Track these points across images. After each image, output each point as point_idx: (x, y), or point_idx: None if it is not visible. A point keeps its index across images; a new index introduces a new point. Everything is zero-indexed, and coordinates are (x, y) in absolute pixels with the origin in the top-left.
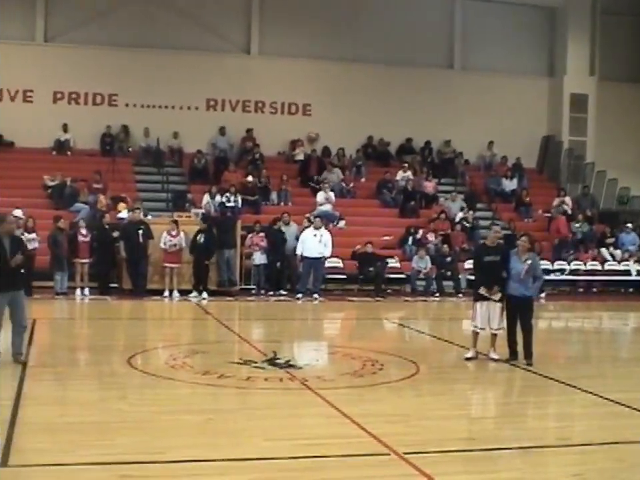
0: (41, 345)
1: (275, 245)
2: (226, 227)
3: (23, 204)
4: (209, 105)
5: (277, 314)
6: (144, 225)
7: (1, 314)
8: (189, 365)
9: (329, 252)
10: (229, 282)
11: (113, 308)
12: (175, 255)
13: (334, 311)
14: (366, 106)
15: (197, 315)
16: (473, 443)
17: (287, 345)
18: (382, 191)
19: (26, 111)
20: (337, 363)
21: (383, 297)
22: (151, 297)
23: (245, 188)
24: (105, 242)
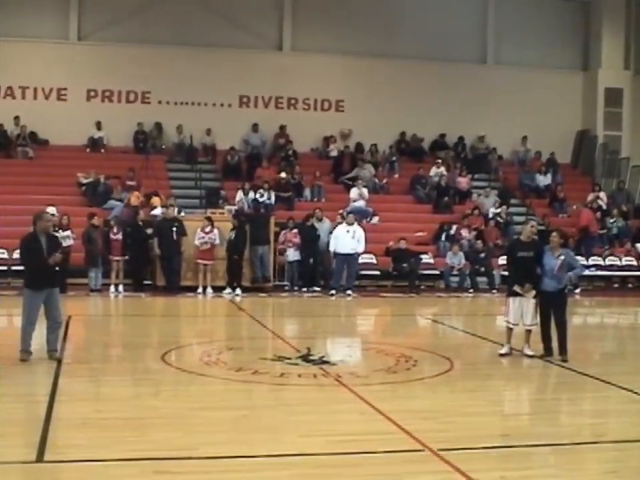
0: (76, 342)
1: (308, 242)
2: (259, 223)
3: (57, 201)
4: (242, 102)
5: (311, 310)
6: (178, 222)
7: (37, 311)
8: (222, 361)
9: (362, 248)
10: (263, 278)
11: (147, 305)
12: (208, 251)
13: (367, 307)
14: (399, 102)
15: (231, 312)
16: (508, 440)
17: (321, 341)
18: (415, 186)
19: (60, 109)
20: (370, 359)
21: (416, 293)
22: (184, 293)
23: (278, 184)
24: (139, 239)
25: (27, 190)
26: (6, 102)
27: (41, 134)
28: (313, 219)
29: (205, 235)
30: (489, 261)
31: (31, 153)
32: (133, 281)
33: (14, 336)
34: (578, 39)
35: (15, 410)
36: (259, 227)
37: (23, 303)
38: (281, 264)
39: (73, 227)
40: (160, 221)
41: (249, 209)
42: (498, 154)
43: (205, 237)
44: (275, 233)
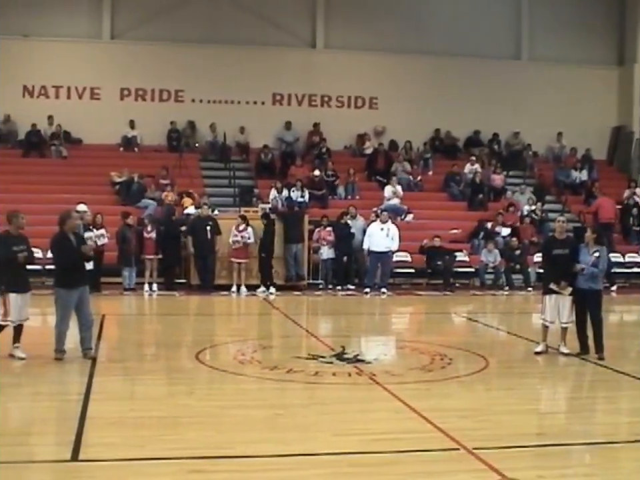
0: (110, 341)
1: (342, 239)
2: (293, 221)
3: (91, 200)
4: (275, 100)
5: (345, 308)
6: (212, 220)
7: (71, 310)
8: (256, 359)
9: (396, 246)
10: (297, 276)
11: (181, 303)
12: (242, 250)
13: (402, 305)
14: (433, 98)
15: (265, 310)
16: (543, 438)
17: (355, 339)
18: (450, 184)
19: (93, 108)
20: (405, 357)
21: (451, 291)
22: (218, 292)
23: (312, 182)
24: (173, 237)
25: (61, 189)
26: (40, 101)
27: (74, 133)
28: (347, 217)
29: (238, 234)
30: (524, 258)
31: (65, 152)
32: (165, 279)
33: (48, 335)
34: (613, 34)
35: (49, 409)
36: (293, 225)
37: (56, 303)
38: (314, 262)
39: (106, 226)
40: (194, 219)
41: (283, 207)
42: (533, 150)
43: (238, 235)
44: (309, 231)
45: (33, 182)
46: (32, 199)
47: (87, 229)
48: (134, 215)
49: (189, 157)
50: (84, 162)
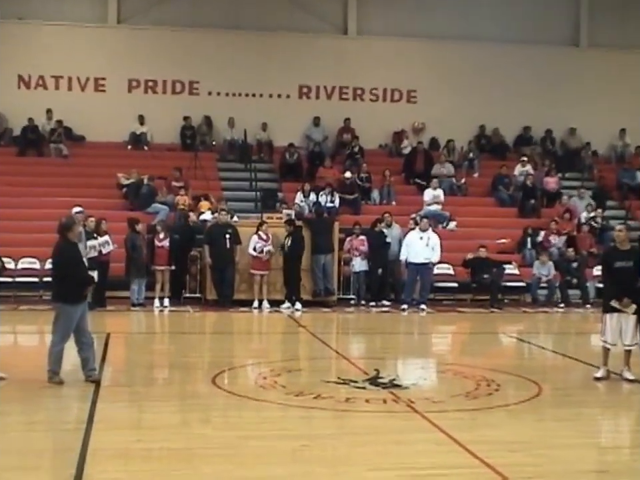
0: (116, 362)
1: (377, 250)
2: (322, 229)
3: (95, 205)
4: (302, 93)
5: (380, 327)
6: (231, 228)
7: (73, 328)
8: (280, 384)
9: (438, 257)
10: (325, 291)
11: (196, 321)
12: (264, 261)
13: (444, 323)
14: (478, 91)
15: (290, 328)
16: (605, 476)
17: (391, 361)
18: (498, 187)
19: (98, 101)
20: (447, 382)
21: (499, 308)
22: (237, 308)
23: (343, 185)
24: (190, 247)
25: (61, 192)
26: (37, 93)
27: (76, 129)
28: (382, 224)
29: (261, 243)
30: (582, 272)
31: (66, 151)
32: (172, 292)
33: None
34: None
35: (47, 439)
36: (322, 233)
37: (58, 320)
38: (345, 275)
39: (112, 234)
40: (211, 226)
41: (310, 213)
42: (592, 149)
43: (261, 244)
44: (340, 240)
45: (29, 184)
46: (28, 203)
47: (90, 237)
48: (143, 221)
49: (205, 157)
50: (87, 162)
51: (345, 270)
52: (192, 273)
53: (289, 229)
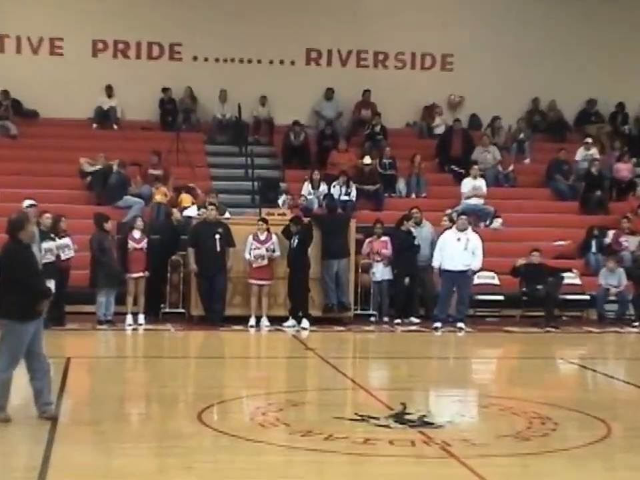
0: (77, 394)
1: (403, 254)
2: (335, 228)
3: (52, 197)
4: (310, 59)
5: (407, 350)
6: (222, 226)
7: (23, 350)
8: (283, 421)
9: (479, 263)
10: (339, 305)
11: (178, 342)
12: (264, 268)
13: (487, 345)
14: (530, 54)
15: (295, 352)
16: None
17: (421, 393)
18: (554, 176)
19: (54, 68)
20: (491, 419)
21: (556, 327)
22: (230, 326)
23: (361, 174)
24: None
25: (9, 181)
26: None
27: (27, 103)
28: (410, 223)
29: (259, 245)
30: None
31: (14, 130)
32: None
33: None
34: None
35: None
36: (335, 234)
37: (4, 340)
38: (364, 285)
39: (73, 234)
40: (197, 225)
41: (320, 208)
42: None
43: (259, 247)
44: (357, 242)
45: None
46: None
47: (45, 237)
48: (113, 218)
49: (189, 138)
50: (41, 143)
51: (363, 279)
52: (173, 282)
53: (294, 228)
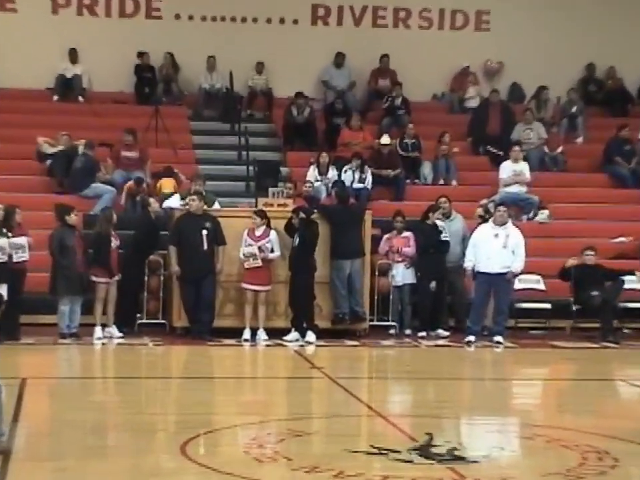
0: (35, 423)
1: (429, 253)
2: (346, 222)
3: (4, 184)
4: (317, 17)
5: (434, 369)
6: (210, 220)
7: None
8: (284, 455)
9: (521, 264)
10: (352, 315)
11: (157, 359)
12: (260, 270)
13: (530, 364)
14: (583, 12)
15: (298, 371)
16: None
17: (451, 422)
18: (613, 158)
19: (5, 27)
20: (536, 454)
21: (615, 342)
22: (220, 340)
23: (379, 156)
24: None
25: None
26: None
27: None
28: (437, 215)
29: (255, 242)
30: None
31: None
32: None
33: None
34: None
35: None
36: (346, 229)
37: None
38: (382, 290)
39: (29, 229)
40: (180, 218)
41: (329, 197)
42: None
43: (254, 244)
44: (373, 239)
45: None
46: None
47: None
48: (78, 209)
49: (170, 113)
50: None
51: (381, 283)
52: (151, 287)
53: (297, 222)
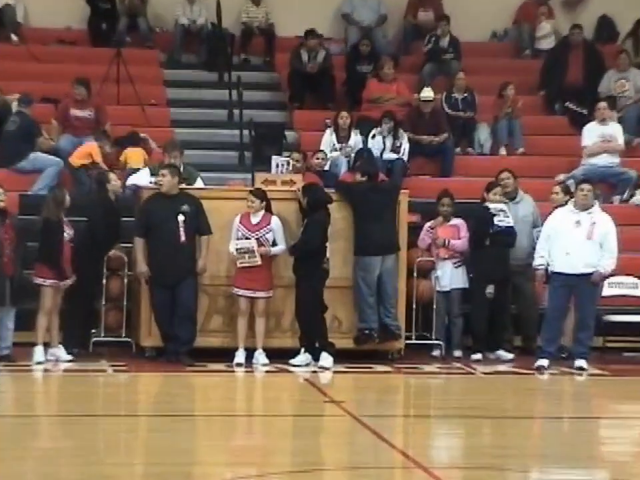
0: None
1: (486, 246)
2: (374, 206)
3: None
4: None
5: (493, 404)
6: (190, 202)
7: None
8: None
9: (612, 262)
10: (382, 330)
11: (120, 389)
12: (259, 270)
13: (622, 397)
14: None
15: (310, 406)
16: None
17: (517, 476)
18: None
19: None
20: None
21: None
22: (205, 364)
23: (418, 117)
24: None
25: None
26: None
27: None
28: (497, 196)
29: (250, 233)
30: None
31: None
32: (65, 333)
33: None
34: None
35: None
36: (374, 215)
37: None
38: (423, 297)
39: None
40: (150, 200)
41: (351, 172)
42: None
43: (247, 234)
44: (410, 228)
45: None
46: None
47: None
48: (9, 187)
49: (137, 58)
50: None
51: (421, 288)
52: (111, 293)
53: (304, 204)
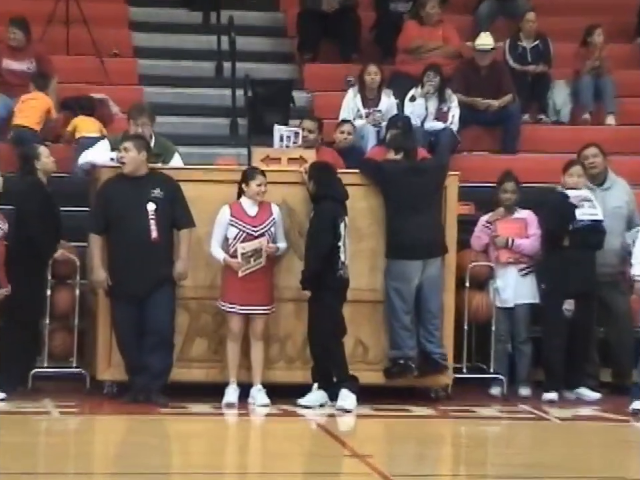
0: None
1: (564, 247)
2: (412, 191)
3: None
4: None
5: (574, 460)
6: (162, 185)
7: None
8: None
9: None
10: (423, 359)
11: (70, 438)
12: (255, 277)
13: None
14: None
15: (324, 461)
16: None
17: None
18: None
19: None
20: None
21: None
22: (184, 405)
23: (473, 72)
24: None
25: None
26: None
27: None
28: (580, 180)
29: (250, 227)
30: None
31: None
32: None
33: None
34: None
35: None
36: (412, 205)
37: None
38: (479, 316)
39: None
40: (109, 183)
41: (380, 146)
42: None
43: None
44: (461, 223)
45: None
46: None
47: None
48: None
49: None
50: None
51: (475, 303)
52: (58, 310)
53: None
